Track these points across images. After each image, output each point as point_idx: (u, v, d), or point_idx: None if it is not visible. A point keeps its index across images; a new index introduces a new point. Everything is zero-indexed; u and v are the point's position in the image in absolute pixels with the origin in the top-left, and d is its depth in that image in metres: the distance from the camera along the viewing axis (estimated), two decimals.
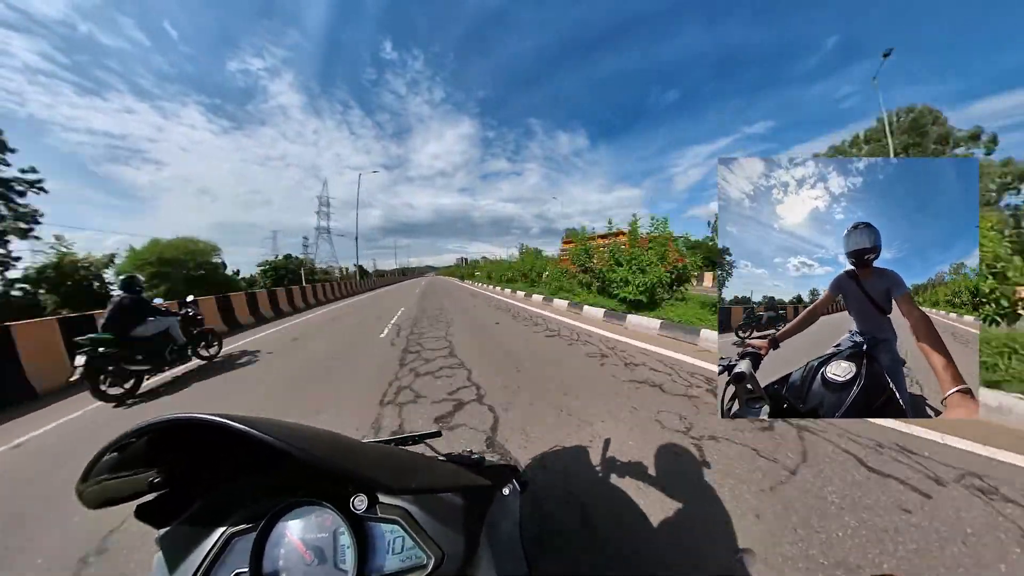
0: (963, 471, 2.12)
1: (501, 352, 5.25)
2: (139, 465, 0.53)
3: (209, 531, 0.57)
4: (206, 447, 0.58)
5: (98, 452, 0.47)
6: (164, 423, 0.43)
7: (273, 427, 0.42)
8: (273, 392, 4.13)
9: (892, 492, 1.94)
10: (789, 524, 1.74)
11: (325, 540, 0.55)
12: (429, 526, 0.57)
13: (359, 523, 0.56)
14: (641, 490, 1.98)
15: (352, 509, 0.56)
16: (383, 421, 3.07)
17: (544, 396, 3.45)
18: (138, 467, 0.53)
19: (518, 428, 2.82)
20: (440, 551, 0.54)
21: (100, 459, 0.48)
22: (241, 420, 0.41)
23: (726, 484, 2.04)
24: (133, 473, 0.53)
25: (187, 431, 0.45)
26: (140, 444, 0.49)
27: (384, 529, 0.56)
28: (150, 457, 0.53)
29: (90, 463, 0.48)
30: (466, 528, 0.59)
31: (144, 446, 0.50)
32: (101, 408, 3.94)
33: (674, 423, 2.80)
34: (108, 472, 0.50)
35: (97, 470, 0.49)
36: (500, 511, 0.68)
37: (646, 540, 1.69)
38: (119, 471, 0.51)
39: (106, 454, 0.47)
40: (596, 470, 2.25)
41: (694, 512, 1.84)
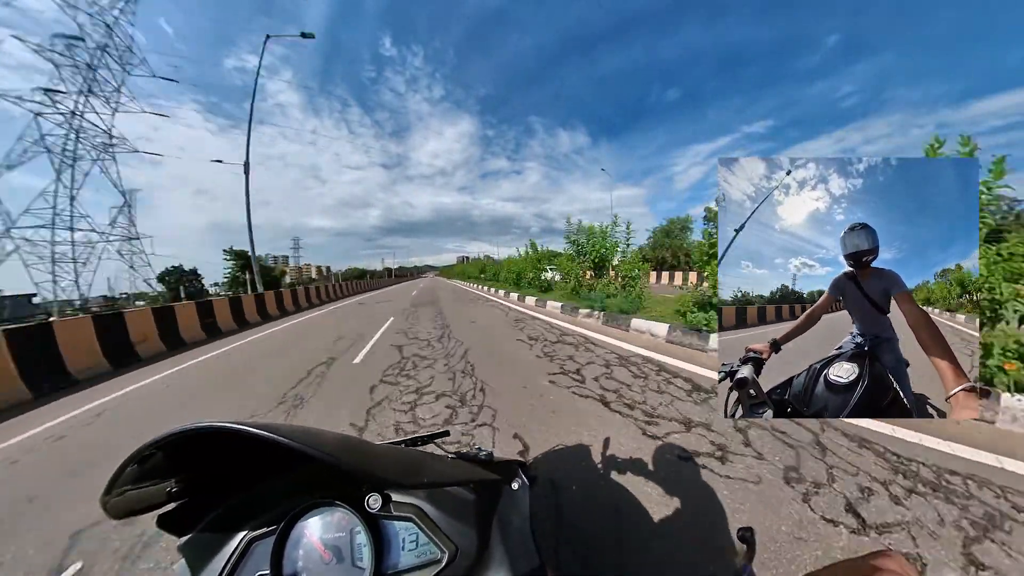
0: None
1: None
2: (159, 475, 0.54)
3: (229, 536, 0.59)
4: (221, 454, 0.58)
5: (120, 464, 0.48)
6: (181, 433, 0.44)
7: (288, 431, 0.43)
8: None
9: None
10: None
11: (342, 539, 0.57)
12: (442, 522, 0.58)
13: (374, 522, 0.57)
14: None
15: (367, 508, 0.57)
16: None
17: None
18: (158, 477, 0.54)
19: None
20: (454, 546, 0.56)
21: (123, 471, 0.49)
22: (256, 425, 0.42)
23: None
24: (154, 483, 0.53)
25: (203, 439, 0.46)
26: (160, 455, 0.50)
27: (399, 527, 0.58)
28: (169, 467, 0.54)
29: (113, 475, 0.49)
30: (478, 523, 0.61)
31: (163, 457, 0.51)
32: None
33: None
34: (131, 484, 0.51)
35: (121, 482, 0.50)
36: (510, 505, 0.69)
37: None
38: (141, 482, 0.52)
39: (128, 466, 0.48)
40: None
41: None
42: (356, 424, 3.28)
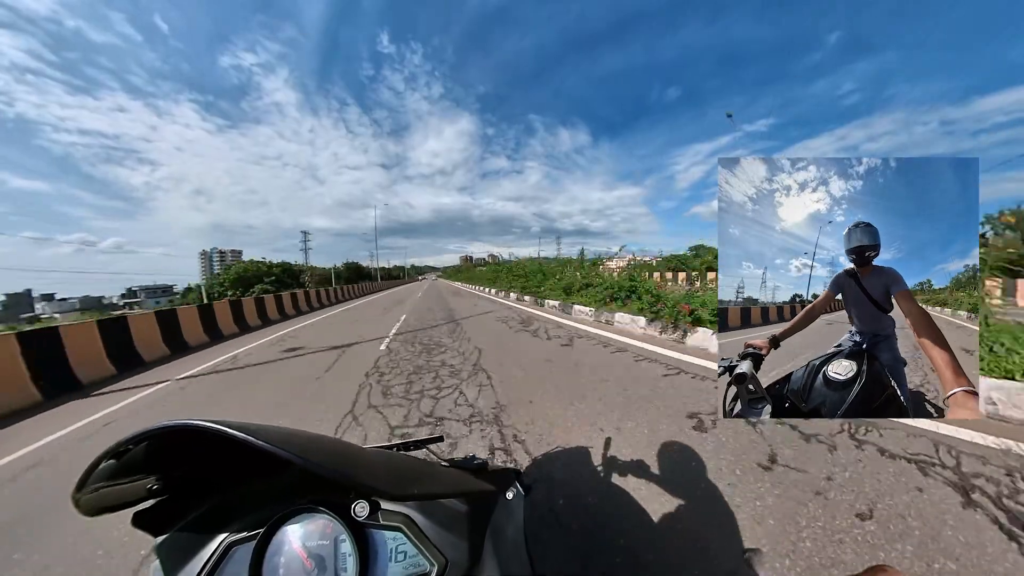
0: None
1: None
2: (137, 472, 0.51)
3: (208, 539, 0.56)
4: (205, 454, 0.56)
5: (94, 460, 0.45)
6: (162, 429, 0.42)
7: (272, 434, 0.41)
8: None
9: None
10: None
11: (326, 548, 0.54)
12: (432, 533, 0.56)
13: (360, 530, 0.54)
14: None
15: (353, 516, 0.55)
16: None
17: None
18: (136, 474, 0.51)
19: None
20: (443, 558, 0.54)
21: (97, 466, 0.46)
22: (240, 427, 0.40)
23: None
24: (131, 480, 0.51)
25: (185, 438, 0.44)
26: (138, 451, 0.48)
27: (386, 536, 0.55)
28: (148, 464, 0.52)
29: (86, 471, 0.46)
30: (470, 534, 0.58)
31: (142, 453, 0.49)
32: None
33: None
34: (105, 479, 0.48)
35: (94, 477, 0.47)
36: (504, 515, 0.67)
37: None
38: (116, 478, 0.50)
39: (103, 461, 0.46)
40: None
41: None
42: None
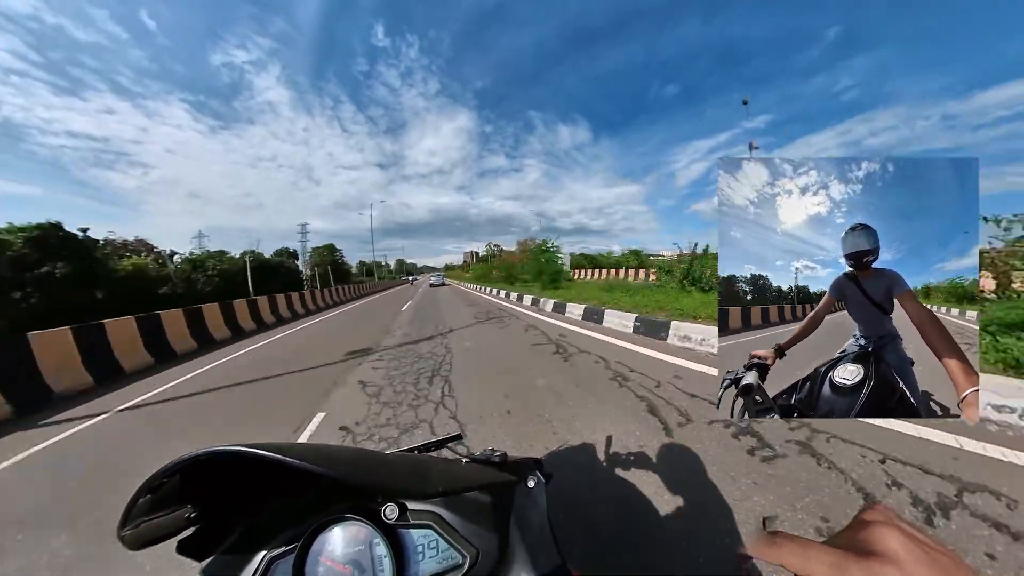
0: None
1: None
2: (174, 503, 0.54)
3: (249, 558, 0.58)
4: (236, 477, 0.58)
5: (132, 496, 0.48)
6: (192, 459, 0.44)
7: (300, 450, 0.43)
8: None
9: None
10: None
11: (362, 552, 0.56)
12: (460, 526, 0.58)
13: (392, 532, 0.57)
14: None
15: (384, 519, 0.57)
16: None
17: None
18: (173, 505, 0.54)
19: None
20: (474, 549, 0.56)
21: (136, 503, 0.48)
22: (269, 448, 0.42)
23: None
24: (169, 512, 0.53)
25: (215, 463, 0.46)
26: (173, 482, 0.50)
27: (417, 535, 0.58)
28: (184, 493, 0.54)
29: (127, 508, 0.49)
30: (496, 524, 0.61)
31: (177, 483, 0.51)
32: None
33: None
34: (145, 514, 0.51)
35: (135, 513, 0.49)
36: (527, 504, 0.69)
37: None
38: (155, 511, 0.52)
39: (140, 497, 0.48)
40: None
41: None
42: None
